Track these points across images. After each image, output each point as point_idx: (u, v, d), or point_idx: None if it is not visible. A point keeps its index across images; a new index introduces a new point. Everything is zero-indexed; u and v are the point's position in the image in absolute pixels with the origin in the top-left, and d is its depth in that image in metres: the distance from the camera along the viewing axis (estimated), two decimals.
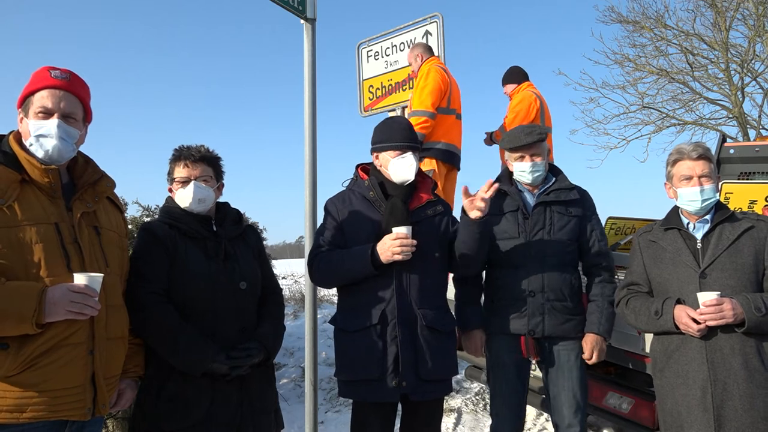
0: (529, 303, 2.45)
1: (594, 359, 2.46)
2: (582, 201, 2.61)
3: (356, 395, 2.29)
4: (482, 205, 2.13)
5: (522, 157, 2.55)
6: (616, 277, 2.63)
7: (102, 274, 1.63)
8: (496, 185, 2.21)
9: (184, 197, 2.11)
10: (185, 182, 2.11)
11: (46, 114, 1.68)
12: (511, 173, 2.67)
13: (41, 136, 1.67)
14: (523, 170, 2.55)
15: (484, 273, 2.66)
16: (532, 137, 2.54)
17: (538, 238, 2.50)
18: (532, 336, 2.46)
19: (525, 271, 2.48)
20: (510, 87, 4.98)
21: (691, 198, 2.17)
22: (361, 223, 2.32)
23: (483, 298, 2.66)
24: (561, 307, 2.47)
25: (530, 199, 2.59)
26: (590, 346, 2.45)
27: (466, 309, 2.43)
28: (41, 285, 1.54)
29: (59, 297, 1.52)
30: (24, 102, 1.72)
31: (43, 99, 1.68)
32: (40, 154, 1.67)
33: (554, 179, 2.64)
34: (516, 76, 4.99)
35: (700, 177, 2.15)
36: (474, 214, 2.15)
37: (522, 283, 2.47)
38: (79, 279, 1.57)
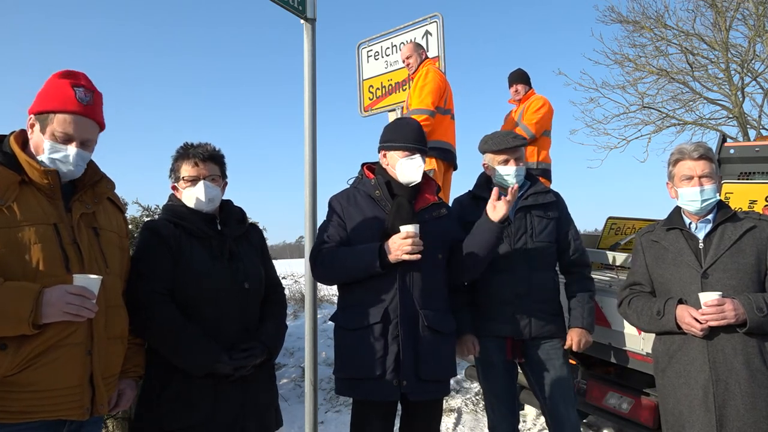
0: (516, 306, 2.53)
1: (579, 349, 2.54)
2: (557, 203, 2.71)
3: (355, 393, 2.28)
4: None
5: (507, 161, 2.61)
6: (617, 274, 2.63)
7: (100, 276, 1.62)
8: (515, 187, 2.29)
9: (193, 196, 2.09)
10: (194, 181, 2.09)
11: (67, 140, 1.68)
12: (488, 180, 2.73)
13: (58, 160, 1.67)
14: (508, 174, 2.60)
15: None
16: (517, 141, 2.62)
17: (522, 243, 2.57)
18: (519, 338, 2.54)
19: (511, 275, 2.54)
20: (522, 87, 5.09)
21: (691, 198, 2.17)
22: (366, 221, 2.31)
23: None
24: (545, 308, 2.57)
25: None
26: (577, 339, 2.53)
27: (457, 316, 2.46)
28: (38, 286, 1.53)
29: (56, 298, 1.52)
30: (41, 113, 1.68)
31: (65, 124, 1.67)
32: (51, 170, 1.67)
33: (529, 183, 2.70)
34: (527, 78, 5.12)
35: (700, 177, 2.16)
36: (495, 215, 2.24)
37: (508, 287, 2.54)
38: (78, 280, 1.57)
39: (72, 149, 1.68)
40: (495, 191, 2.27)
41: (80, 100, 1.69)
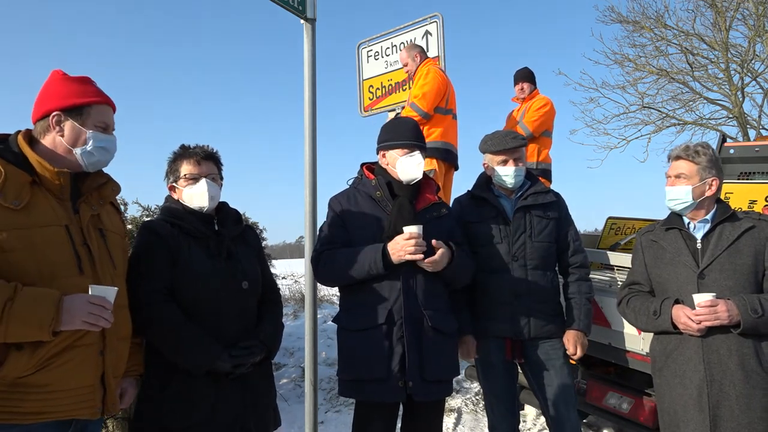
0: (515, 306, 2.53)
1: (578, 354, 2.53)
2: (557, 203, 2.70)
3: (360, 395, 2.28)
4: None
5: (506, 161, 2.61)
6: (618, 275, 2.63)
7: (116, 288, 1.63)
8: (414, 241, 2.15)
9: (195, 195, 2.10)
10: (195, 179, 2.10)
11: (106, 129, 1.79)
12: (488, 179, 2.73)
13: (102, 149, 1.76)
14: (507, 174, 2.61)
15: None
16: (516, 142, 2.61)
17: (521, 243, 2.56)
18: (518, 338, 2.54)
19: (509, 275, 2.54)
20: (527, 86, 5.03)
21: (666, 196, 2.23)
22: (367, 222, 2.31)
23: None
24: (544, 308, 2.56)
25: (507, 205, 2.66)
26: (573, 342, 2.52)
27: (457, 316, 2.46)
28: (58, 293, 1.53)
29: (78, 307, 1.52)
30: (72, 108, 1.71)
31: (104, 115, 1.79)
32: (90, 160, 1.74)
33: (529, 183, 2.70)
34: (533, 77, 5.07)
35: (675, 177, 2.20)
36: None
37: (507, 287, 2.54)
38: (96, 290, 1.57)
39: (112, 137, 1.81)
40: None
41: (103, 92, 1.81)
